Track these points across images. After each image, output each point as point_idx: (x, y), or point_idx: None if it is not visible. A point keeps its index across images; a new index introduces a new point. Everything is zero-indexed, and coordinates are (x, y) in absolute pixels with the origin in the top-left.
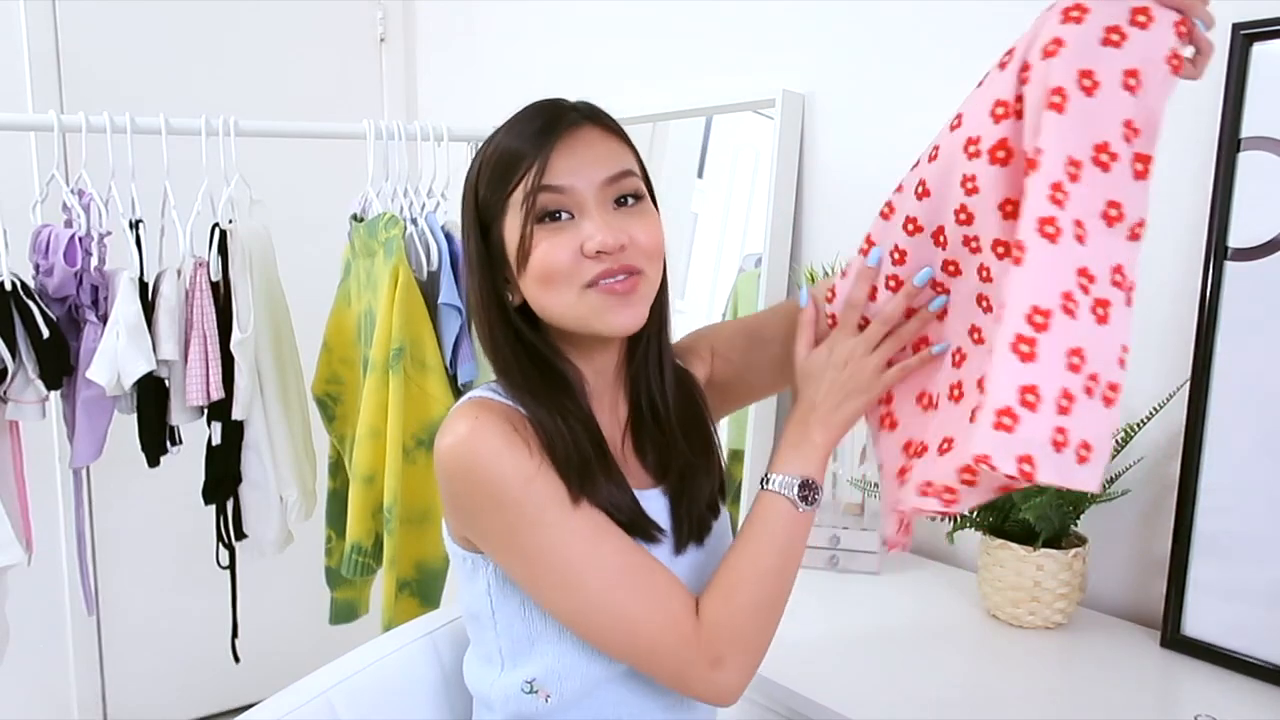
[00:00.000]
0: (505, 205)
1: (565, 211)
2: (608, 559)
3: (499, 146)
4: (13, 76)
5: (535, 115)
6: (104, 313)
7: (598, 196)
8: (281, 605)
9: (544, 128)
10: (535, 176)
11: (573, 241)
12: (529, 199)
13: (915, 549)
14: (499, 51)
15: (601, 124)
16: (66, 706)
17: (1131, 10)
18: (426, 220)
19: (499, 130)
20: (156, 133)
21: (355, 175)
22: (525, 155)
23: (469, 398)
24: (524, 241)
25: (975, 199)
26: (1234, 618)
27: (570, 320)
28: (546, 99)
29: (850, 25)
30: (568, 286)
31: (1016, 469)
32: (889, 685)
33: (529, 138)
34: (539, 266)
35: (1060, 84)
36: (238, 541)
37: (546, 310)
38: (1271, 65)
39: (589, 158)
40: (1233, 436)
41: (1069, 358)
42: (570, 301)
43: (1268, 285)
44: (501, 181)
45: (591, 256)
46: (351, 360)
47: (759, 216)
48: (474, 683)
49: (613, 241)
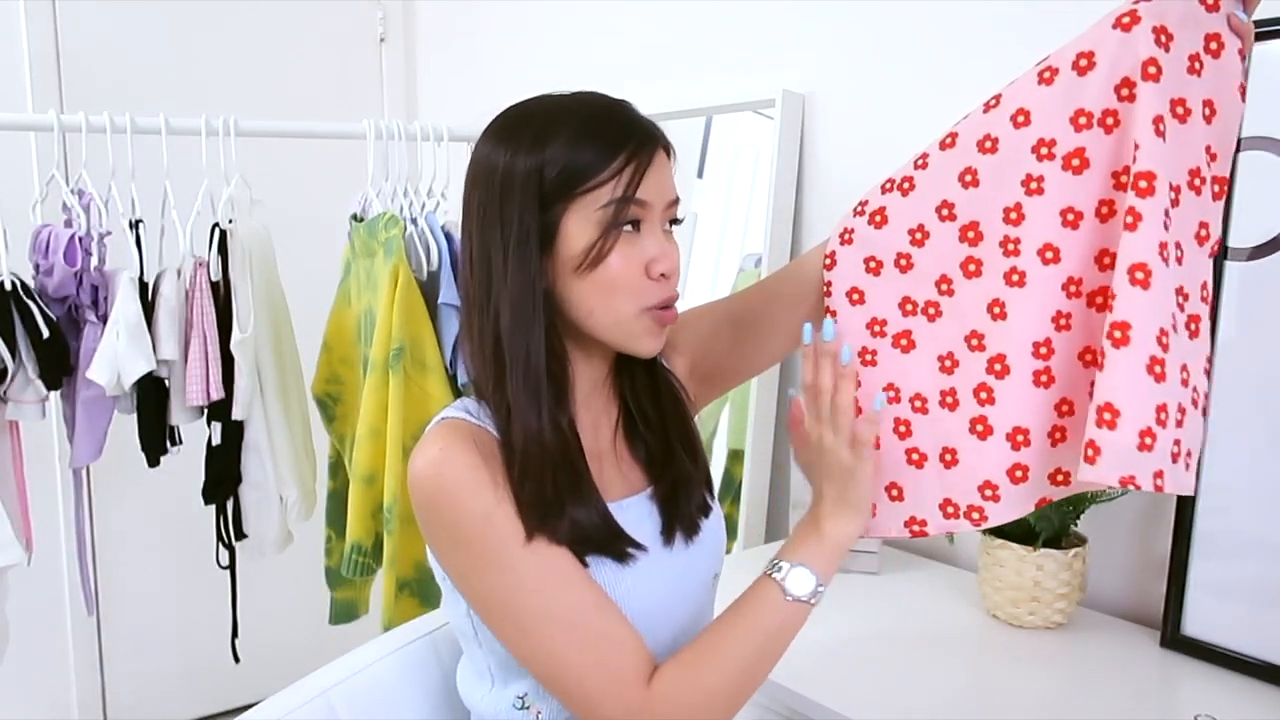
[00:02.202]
0: (575, 200)
1: (634, 224)
2: (557, 608)
3: (581, 133)
4: (13, 76)
5: (614, 115)
6: (104, 313)
7: (661, 217)
8: (281, 605)
9: (637, 135)
10: (629, 186)
11: (638, 257)
12: (616, 206)
13: (915, 549)
14: (499, 51)
15: (666, 145)
16: (66, 706)
17: (1206, 37)
18: (426, 220)
19: (558, 122)
20: (156, 133)
21: (355, 175)
22: (617, 155)
23: (441, 418)
24: (600, 247)
25: (1036, 200)
26: (1234, 618)
27: (609, 331)
28: (619, 104)
29: (850, 25)
30: (630, 303)
31: (1152, 484)
32: (889, 685)
33: (620, 138)
34: (610, 273)
35: (1159, 111)
36: (238, 541)
37: (594, 313)
38: (1271, 65)
39: (665, 178)
40: (1233, 436)
41: (1180, 373)
42: (625, 317)
43: (1268, 285)
44: (582, 173)
45: (656, 279)
46: (351, 360)
47: (759, 216)
48: (467, 695)
49: (672, 266)
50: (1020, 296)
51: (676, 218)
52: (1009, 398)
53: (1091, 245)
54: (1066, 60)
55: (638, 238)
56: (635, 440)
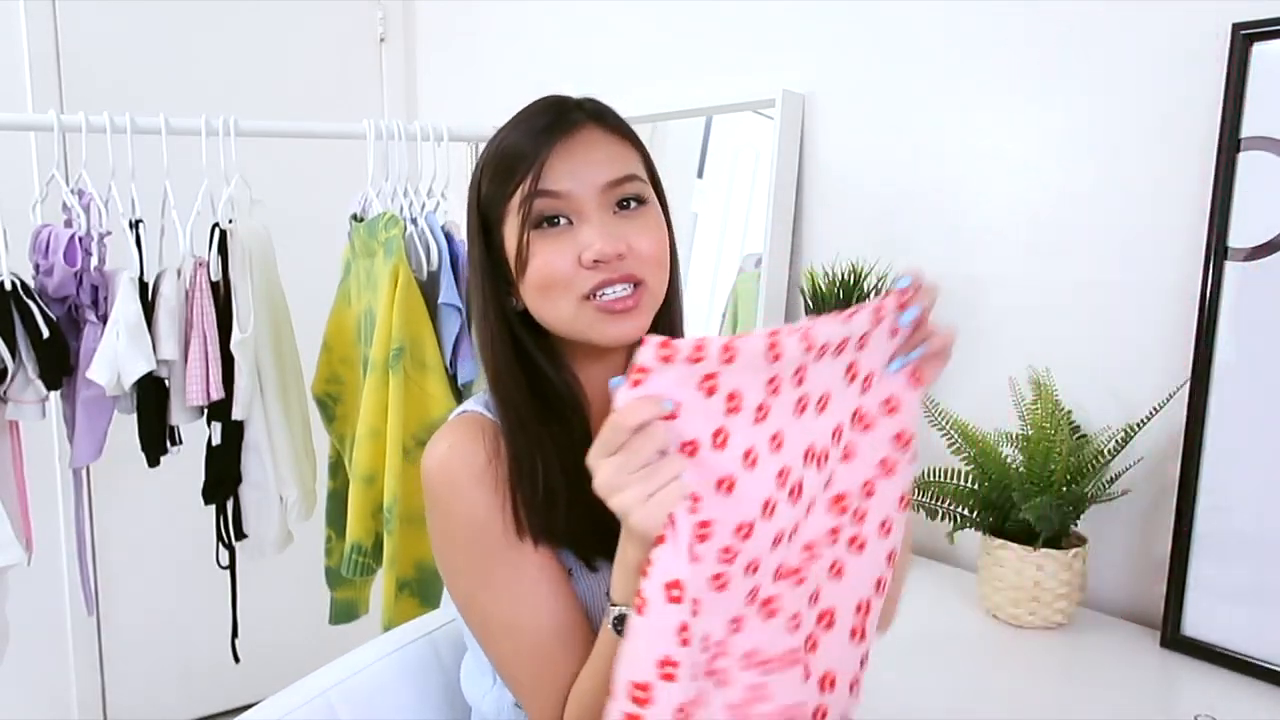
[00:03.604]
0: (506, 208)
1: (563, 217)
2: (520, 626)
3: (501, 145)
4: (13, 76)
5: (538, 113)
6: (104, 313)
7: (598, 201)
8: (281, 605)
9: (545, 127)
10: (532, 180)
11: (571, 249)
12: (525, 204)
13: (915, 549)
14: (499, 51)
15: (605, 124)
16: (66, 706)
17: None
18: (426, 220)
19: (506, 125)
20: (156, 133)
21: (355, 175)
22: (525, 156)
23: (461, 411)
24: (521, 249)
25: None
26: (1234, 618)
27: (569, 331)
28: (552, 95)
29: (850, 25)
30: (565, 297)
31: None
32: (889, 685)
33: (530, 137)
34: (536, 276)
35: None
36: (238, 541)
37: (546, 319)
38: (1271, 65)
39: (589, 160)
40: (1233, 436)
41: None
42: (568, 314)
43: (1268, 285)
44: (502, 183)
45: (589, 266)
46: (351, 360)
47: (759, 216)
48: (469, 692)
49: (610, 250)
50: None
51: (636, 197)
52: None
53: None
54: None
55: (571, 231)
56: None
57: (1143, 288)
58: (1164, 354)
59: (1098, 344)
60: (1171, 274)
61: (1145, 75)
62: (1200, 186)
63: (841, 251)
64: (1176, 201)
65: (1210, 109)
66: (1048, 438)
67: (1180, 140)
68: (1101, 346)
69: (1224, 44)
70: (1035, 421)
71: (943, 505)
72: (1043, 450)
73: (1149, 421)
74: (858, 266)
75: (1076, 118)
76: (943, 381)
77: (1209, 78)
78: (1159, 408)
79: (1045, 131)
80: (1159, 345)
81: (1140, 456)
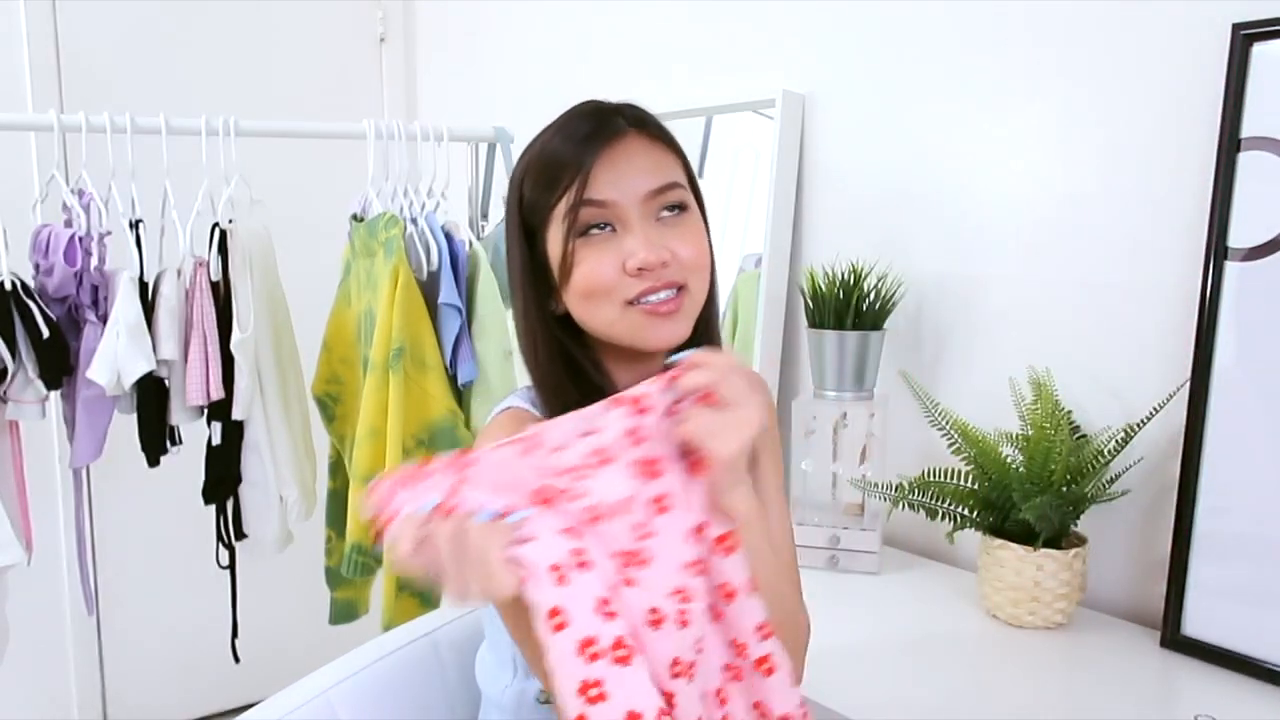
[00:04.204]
0: (550, 215)
1: (608, 225)
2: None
3: (544, 150)
4: (13, 76)
5: (582, 120)
6: (104, 313)
7: (641, 209)
8: (281, 605)
9: (589, 135)
10: (577, 190)
11: (615, 257)
12: (571, 213)
13: (915, 549)
14: (499, 51)
15: (648, 131)
16: (66, 706)
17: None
18: (426, 220)
19: (548, 129)
20: (156, 133)
21: (355, 175)
22: (569, 164)
23: (505, 407)
24: (566, 257)
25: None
26: (1234, 618)
27: (612, 335)
28: (593, 101)
29: (850, 25)
30: (610, 303)
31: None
32: (889, 685)
33: (573, 145)
34: (581, 283)
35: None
36: (238, 541)
37: (589, 324)
38: (1271, 65)
39: (633, 169)
40: (1233, 436)
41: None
42: (612, 318)
43: (1268, 285)
44: (546, 189)
45: (633, 274)
46: (351, 360)
47: (759, 216)
48: (486, 683)
49: (654, 258)
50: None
51: (680, 204)
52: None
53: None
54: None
55: (614, 238)
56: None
57: (1143, 288)
58: (1164, 354)
59: (1098, 344)
60: (1171, 274)
61: (1145, 75)
62: (1200, 186)
63: (841, 251)
64: (1176, 201)
65: (1210, 109)
66: (1048, 438)
67: (1180, 140)
68: (1101, 346)
69: (1224, 44)
70: (1035, 421)
71: (943, 505)
72: (1043, 450)
73: (1149, 421)
74: (858, 266)
75: (1076, 117)
76: (943, 381)
77: (1209, 78)
78: (1159, 408)
79: (1045, 131)
80: (1159, 345)
81: (1140, 456)
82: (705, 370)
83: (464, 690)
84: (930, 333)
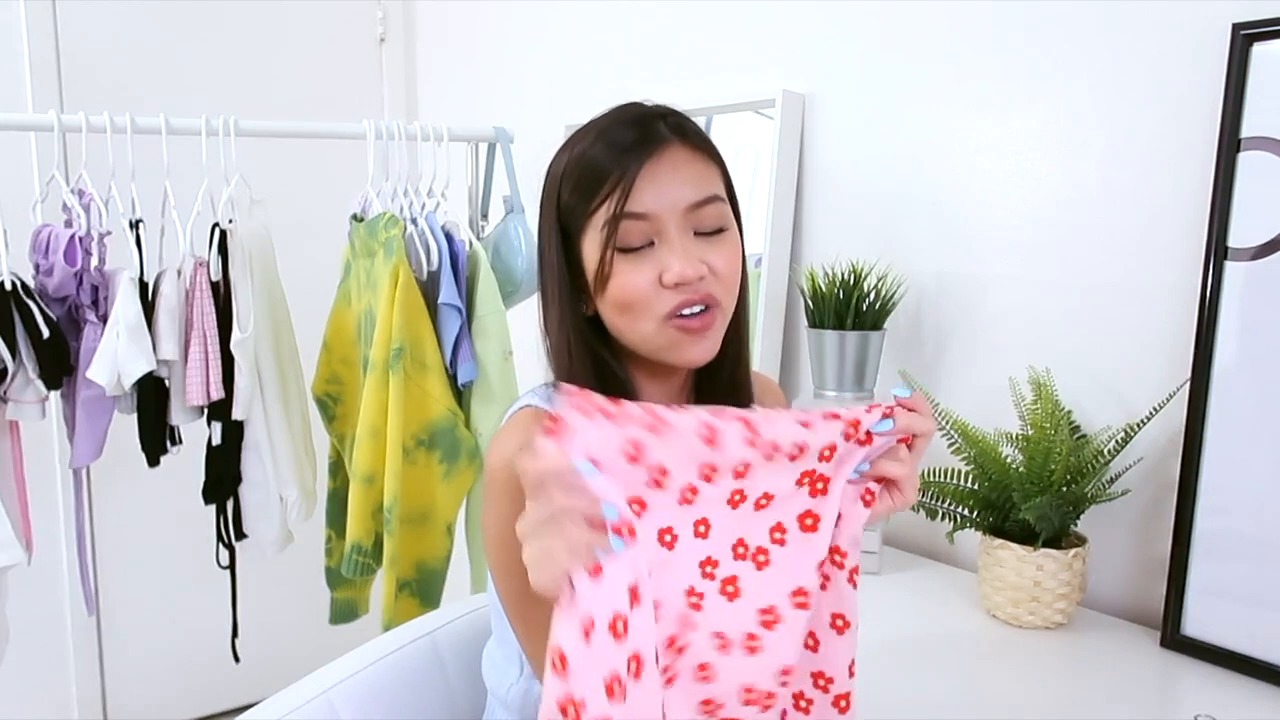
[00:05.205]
0: (588, 221)
1: (647, 238)
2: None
3: (586, 155)
4: (13, 76)
5: (625, 125)
6: (104, 313)
7: (680, 223)
8: (281, 605)
9: (633, 145)
10: (619, 202)
11: (652, 270)
12: (611, 224)
13: (915, 549)
14: (499, 51)
15: (689, 141)
16: (66, 706)
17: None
18: (426, 220)
19: (589, 130)
20: (156, 133)
21: (355, 175)
22: (611, 173)
23: (522, 404)
24: (603, 266)
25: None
26: (1234, 618)
27: (644, 348)
28: (635, 106)
29: (850, 25)
30: (646, 317)
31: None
32: (889, 685)
33: (615, 154)
34: (617, 294)
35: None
36: (238, 541)
37: (623, 334)
38: (1271, 65)
39: (675, 181)
40: (1233, 436)
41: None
42: (648, 332)
43: (1268, 285)
44: (586, 195)
45: (670, 288)
46: (351, 360)
47: (759, 216)
48: (492, 679)
49: (692, 273)
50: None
51: (720, 224)
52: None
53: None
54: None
55: (651, 251)
56: None
57: (1143, 288)
58: (1164, 354)
59: (1098, 344)
60: (1171, 274)
61: (1145, 75)
62: (1200, 186)
63: (841, 251)
64: (1176, 201)
65: (1210, 109)
66: (1048, 438)
67: (1180, 140)
68: (1101, 346)
69: (1224, 44)
70: (1035, 421)
71: (943, 505)
72: (1043, 450)
73: (1149, 421)
74: (858, 266)
75: (1076, 118)
76: (943, 381)
77: (1209, 78)
78: (1159, 408)
79: (1045, 131)
80: (1159, 345)
81: (1140, 456)
82: (925, 419)
83: (464, 690)
84: (930, 333)
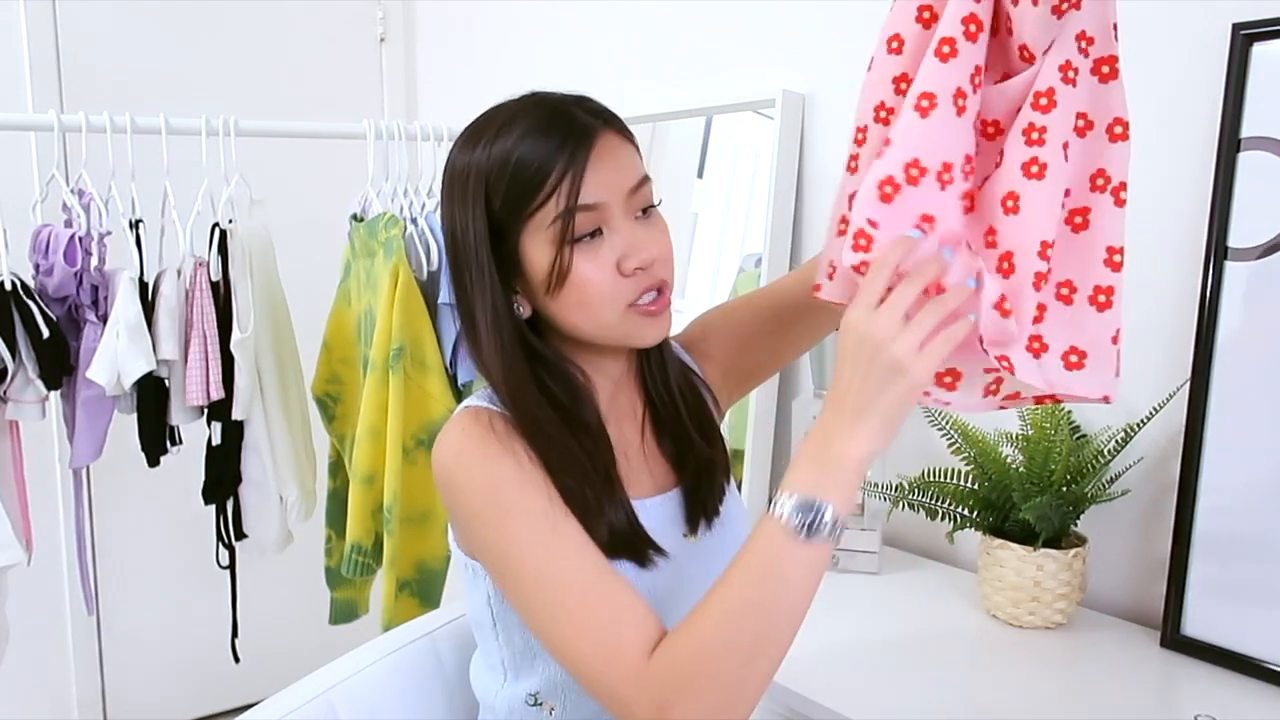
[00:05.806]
0: (529, 221)
1: (595, 226)
2: (559, 580)
3: (517, 157)
4: (13, 76)
5: (551, 123)
6: (104, 313)
7: (624, 208)
8: (281, 605)
9: (569, 141)
10: (569, 198)
11: (607, 259)
12: (563, 221)
13: (915, 549)
14: (499, 51)
15: (615, 127)
16: (66, 706)
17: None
18: (426, 220)
19: (505, 126)
20: (156, 133)
21: (355, 175)
22: (551, 172)
23: (464, 406)
24: (560, 262)
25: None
26: (1234, 618)
27: (603, 336)
28: (552, 98)
29: (850, 25)
30: (610, 308)
31: (996, 362)
32: (889, 685)
33: (550, 150)
34: (579, 291)
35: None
36: (238, 541)
37: (578, 328)
38: (1271, 65)
39: (614, 167)
40: (1233, 436)
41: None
42: (609, 322)
43: (1268, 285)
44: (525, 194)
45: (629, 275)
46: (351, 360)
47: (759, 216)
48: (479, 689)
49: (648, 257)
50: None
51: (651, 203)
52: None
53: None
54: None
55: (602, 240)
56: (663, 435)
57: (1143, 288)
58: (1164, 354)
59: None
60: (1171, 274)
61: (1145, 75)
62: (1200, 186)
63: None
64: (1176, 201)
65: (1210, 109)
66: (1048, 438)
67: (1180, 140)
68: None
69: (1224, 44)
70: (1035, 421)
71: (943, 505)
72: (1043, 450)
73: (1149, 422)
74: None
75: None
76: None
77: (1209, 78)
78: (1159, 408)
79: None
80: (1159, 345)
81: (1140, 456)
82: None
83: (464, 690)
84: None
